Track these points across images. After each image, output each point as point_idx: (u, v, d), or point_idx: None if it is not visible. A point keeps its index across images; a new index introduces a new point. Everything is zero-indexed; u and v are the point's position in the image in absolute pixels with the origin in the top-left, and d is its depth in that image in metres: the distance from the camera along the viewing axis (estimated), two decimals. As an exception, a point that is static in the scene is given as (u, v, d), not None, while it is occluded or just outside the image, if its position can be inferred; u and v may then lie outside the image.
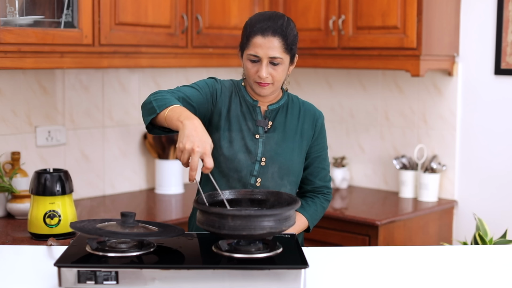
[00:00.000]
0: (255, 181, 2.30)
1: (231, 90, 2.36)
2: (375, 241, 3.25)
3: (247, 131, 2.31)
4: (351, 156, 4.02)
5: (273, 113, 2.35)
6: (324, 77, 4.08)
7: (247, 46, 2.26)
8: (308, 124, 2.39)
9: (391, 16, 3.42)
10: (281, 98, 2.38)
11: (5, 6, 2.85)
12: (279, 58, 2.24)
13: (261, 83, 2.26)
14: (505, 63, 3.44)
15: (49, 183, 2.63)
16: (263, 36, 2.22)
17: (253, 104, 2.34)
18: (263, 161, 2.30)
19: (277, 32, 2.23)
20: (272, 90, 2.29)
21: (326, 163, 2.44)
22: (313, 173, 2.41)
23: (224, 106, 2.32)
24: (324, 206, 2.44)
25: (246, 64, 2.28)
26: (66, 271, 1.78)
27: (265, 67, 2.23)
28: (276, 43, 2.22)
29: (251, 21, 2.28)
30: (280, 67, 2.26)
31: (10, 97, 3.20)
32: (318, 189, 2.43)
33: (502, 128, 3.49)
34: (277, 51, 2.23)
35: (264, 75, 2.23)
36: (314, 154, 2.40)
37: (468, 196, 3.62)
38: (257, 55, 2.23)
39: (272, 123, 2.34)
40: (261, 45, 2.22)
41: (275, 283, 1.79)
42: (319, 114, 2.43)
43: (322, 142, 2.42)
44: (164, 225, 2.04)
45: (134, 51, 3.21)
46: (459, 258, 2.21)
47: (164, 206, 3.47)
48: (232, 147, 2.28)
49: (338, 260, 2.14)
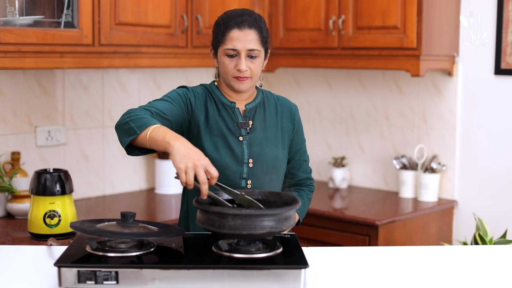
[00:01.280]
0: (246, 184, 2.29)
1: (205, 95, 2.32)
2: (375, 241, 3.25)
3: (229, 134, 2.29)
4: (351, 156, 4.02)
5: (252, 112, 2.34)
6: (324, 77, 4.08)
7: (223, 42, 2.25)
8: (287, 118, 2.40)
9: (391, 16, 3.42)
10: (256, 96, 2.37)
11: (5, 6, 2.85)
12: (256, 51, 2.24)
13: (240, 77, 2.24)
14: (505, 63, 3.44)
15: (49, 183, 2.63)
16: (239, 29, 2.22)
17: (230, 105, 2.31)
18: (251, 162, 2.29)
19: (252, 25, 2.24)
20: (250, 85, 2.28)
21: (306, 155, 2.47)
22: (295, 166, 2.44)
23: (201, 113, 2.28)
24: (310, 197, 2.48)
25: (223, 60, 2.26)
26: (66, 271, 1.78)
27: (244, 60, 2.23)
28: (253, 35, 2.23)
29: (223, 18, 2.28)
30: (257, 60, 2.26)
31: (10, 97, 3.20)
32: (301, 181, 2.46)
33: (502, 128, 3.49)
34: (255, 43, 2.23)
35: (244, 67, 2.22)
36: (295, 148, 2.42)
37: (468, 196, 3.62)
38: (235, 48, 2.22)
39: (252, 123, 2.33)
40: (238, 38, 2.22)
41: (275, 283, 1.79)
42: (295, 107, 2.44)
43: (301, 135, 2.44)
44: (164, 225, 2.04)
45: (134, 51, 3.21)
46: (459, 258, 2.21)
47: (164, 206, 3.47)
48: (218, 153, 2.26)
49: (338, 260, 2.14)
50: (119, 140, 2.11)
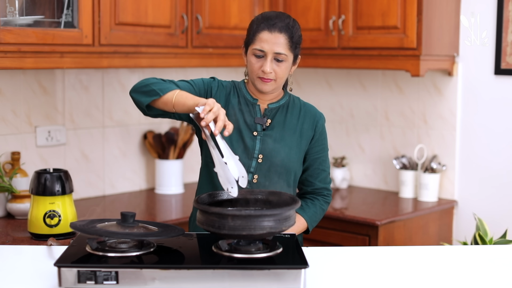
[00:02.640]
0: (252, 178, 2.30)
1: (230, 88, 2.37)
2: (375, 241, 3.25)
3: (245, 128, 2.32)
4: (351, 156, 4.02)
5: (273, 111, 2.36)
6: (324, 77, 4.08)
7: (253, 41, 2.28)
8: (308, 124, 2.39)
9: (391, 16, 3.42)
10: (282, 98, 2.39)
11: (5, 6, 2.85)
12: (283, 55, 2.26)
13: (264, 79, 2.27)
14: (505, 63, 3.44)
15: (49, 183, 2.63)
16: (269, 31, 2.26)
17: (252, 102, 2.35)
18: (260, 158, 2.31)
19: (283, 29, 2.26)
20: (273, 87, 2.30)
21: (327, 165, 2.44)
22: (313, 175, 2.41)
23: (220, 101, 2.33)
24: (324, 208, 2.44)
25: (250, 59, 2.29)
26: (66, 271, 1.78)
27: (269, 62, 2.25)
28: (282, 39, 2.26)
29: (257, 18, 2.32)
30: (284, 64, 2.28)
31: (10, 97, 3.20)
32: (318, 190, 2.43)
33: (502, 128, 3.49)
34: (282, 47, 2.26)
35: (268, 69, 2.25)
36: (314, 156, 2.40)
37: (468, 196, 3.62)
38: (263, 50, 2.26)
39: (271, 121, 2.34)
40: (267, 40, 2.25)
41: (275, 283, 1.79)
42: (319, 115, 2.43)
43: (322, 144, 2.42)
44: (164, 225, 2.05)
45: (134, 51, 3.21)
46: (459, 258, 2.21)
47: (164, 206, 3.47)
48: (230, 143, 2.28)
49: (338, 260, 2.14)
50: (137, 101, 2.24)
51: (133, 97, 2.25)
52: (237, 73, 3.93)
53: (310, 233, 2.43)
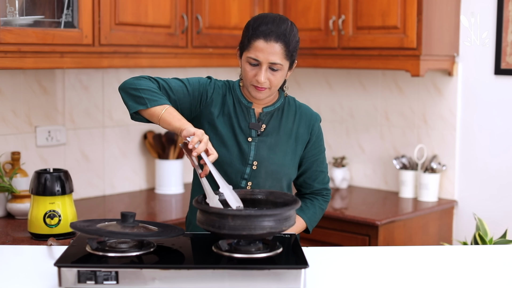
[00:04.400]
0: (246, 185, 2.28)
1: (225, 90, 2.33)
2: (375, 241, 3.25)
3: (240, 133, 2.29)
4: (351, 156, 4.02)
5: (268, 116, 2.32)
6: (324, 77, 4.08)
7: (247, 48, 2.22)
8: (304, 128, 2.35)
9: (391, 16, 3.42)
10: (277, 101, 2.34)
11: (5, 6, 2.85)
12: (279, 64, 2.20)
13: (258, 87, 2.23)
14: (505, 63, 3.44)
15: (49, 183, 2.63)
16: (265, 40, 2.18)
17: (247, 106, 2.31)
18: (255, 164, 2.28)
19: (280, 38, 2.19)
20: (268, 95, 2.27)
21: (324, 165, 2.42)
22: (312, 177, 2.39)
23: (216, 106, 2.30)
24: (323, 207, 2.43)
25: (244, 66, 2.24)
26: (66, 271, 1.78)
27: (264, 72, 2.20)
28: (278, 49, 2.19)
29: (253, 22, 2.23)
30: (279, 72, 2.22)
31: (10, 97, 3.20)
32: (317, 191, 2.42)
33: (502, 128, 3.49)
34: (278, 57, 2.19)
35: (262, 80, 2.20)
36: (312, 158, 2.38)
37: (468, 196, 3.62)
38: (257, 59, 2.19)
39: (265, 127, 2.31)
40: (262, 49, 2.18)
41: (275, 283, 1.79)
42: (315, 118, 2.39)
43: (319, 146, 2.39)
44: (164, 225, 2.05)
45: (134, 51, 3.21)
46: (459, 258, 2.21)
47: (164, 206, 3.47)
48: (225, 148, 2.26)
49: (338, 260, 2.14)
50: (126, 102, 2.21)
51: (121, 95, 2.23)
52: (236, 73, 3.93)
53: (310, 233, 2.43)
